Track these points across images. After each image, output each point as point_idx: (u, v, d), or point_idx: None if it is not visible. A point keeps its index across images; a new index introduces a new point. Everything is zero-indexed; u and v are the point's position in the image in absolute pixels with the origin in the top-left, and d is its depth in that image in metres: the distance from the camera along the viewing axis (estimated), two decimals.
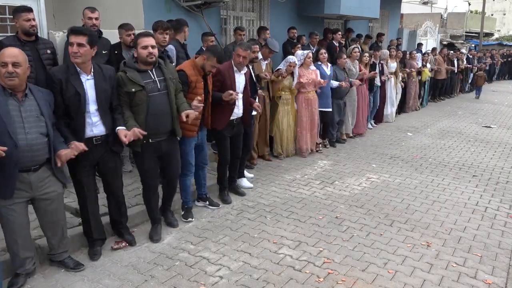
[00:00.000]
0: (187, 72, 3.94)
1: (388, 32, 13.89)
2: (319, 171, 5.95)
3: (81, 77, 3.16)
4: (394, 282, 3.28)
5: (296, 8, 9.88)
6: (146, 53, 3.40)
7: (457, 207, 4.79)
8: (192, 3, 7.16)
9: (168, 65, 3.68)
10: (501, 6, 51.04)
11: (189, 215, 4.30)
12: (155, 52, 3.45)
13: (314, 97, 6.56)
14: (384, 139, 7.99)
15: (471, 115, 10.89)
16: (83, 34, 3.09)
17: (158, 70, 3.55)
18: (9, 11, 4.73)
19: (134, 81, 3.38)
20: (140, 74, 3.44)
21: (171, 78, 3.60)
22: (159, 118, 3.50)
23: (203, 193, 4.60)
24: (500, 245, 3.92)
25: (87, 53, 3.11)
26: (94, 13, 4.58)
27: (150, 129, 3.44)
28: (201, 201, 4.61)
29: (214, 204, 4.59)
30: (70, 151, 3.03)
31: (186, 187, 4.30)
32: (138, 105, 3.44)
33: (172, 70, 3.72)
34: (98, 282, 3.19)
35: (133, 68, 3.45)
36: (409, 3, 28.03)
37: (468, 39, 27.26)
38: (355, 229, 4.15)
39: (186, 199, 4.33)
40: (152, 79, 3.48)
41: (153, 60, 3.44)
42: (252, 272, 3.35)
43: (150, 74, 3.48)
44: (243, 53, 4.41)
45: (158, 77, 3.51)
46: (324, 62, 6.88)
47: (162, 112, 3.51)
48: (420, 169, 6.18)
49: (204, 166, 4.51)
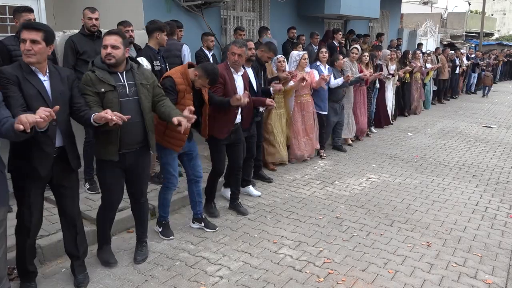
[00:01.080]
0: (174, 78, 3.56)
1: (388, 32, 13.90)
2: (319, 171, 5.94)
3: (38, 76, 2.77)
4: (394, 282, 3.28)
5: (296, 8, 9.89)
6: (104, 54, 3.01)
7: (457, 207, 4.79)
8: (192, 3, 7.16)
9: (142, 70, 3.27)
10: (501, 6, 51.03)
11: (168, 232, 3.90)
12: (116, 53, 3.01)
13: (308, 100, 6.17)
14: (384, 139, 7.99)
15: (471, 115, 10.89)
16: (37, 29, 2.68)
17: (129, 74, 3.15)
18: (9, 11, 4.73)
19: (103, 81, 3.01)
20: (110, 75, 3.08)
21: (144, 84, 3.18)
22: (128, 127, 3.01)
23: (199, 213, 4.08)
24: (500, 245, 3.92)
25: (42, 51, 2.70)
26: (94, 13, 4.58)
27: (121, 138, 3.06)
28: (196, 222, 4.10)
29: (211, 226, 4.08)
30: None
31: (165, 200, 3.86)
32: (109, 108, 2.92)
33: (148, 75, 3.27)
34: (98, 282, 3.19)
35: (102, 68, 3.07)
36: (409, 3, 28.02)
37: (468, 39, 27.29)
38: (355, 229, 4.15)
39: (164, 213, 3.91)
40: (121, 82, 3.09)
41: (111, 62, 3.01)
42: (252, 272, 3.35)
43: (119, 77, 3.10)
44: (238, 50, 4.05)
45: (128, 81, 3.12)
46: (323, 62, 6.53)
47: (131, 121, 2.98)
48: (420, 169, 6.18)
49: (198, 180, 3.98)
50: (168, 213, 3.93)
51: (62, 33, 4.84)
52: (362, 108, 7.62)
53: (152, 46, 4.61)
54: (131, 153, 3.19)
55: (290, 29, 8.52)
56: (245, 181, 4.88)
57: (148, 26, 4.64)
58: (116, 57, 3.01)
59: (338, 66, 6.80)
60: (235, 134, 4.27)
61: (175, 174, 3.78)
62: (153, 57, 4.51)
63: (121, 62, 3.07)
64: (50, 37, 2.75)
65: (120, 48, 3.02)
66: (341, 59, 6.85)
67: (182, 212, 4.39)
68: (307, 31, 9.32)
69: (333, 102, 6.68)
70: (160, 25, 4.60)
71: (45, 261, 3.40)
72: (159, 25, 4.59)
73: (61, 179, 2.95)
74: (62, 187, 2.99)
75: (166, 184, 3.82)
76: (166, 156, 3.72)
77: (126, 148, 3.14)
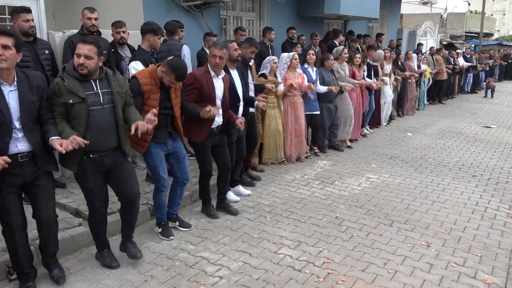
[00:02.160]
0: (140, 79, 3.49)
1: (388, 32, 13.91)
2: (318, 171, 5.95)
3: (2, 88, 2.69)
4: (394, 282, 3.28)
5: (296, 8, 9.89)
6: (77, 63, 2.92)
7: (457, 207, 4.79)
8: (192, 3, 7.17)
9: (118, 77, 3.20)
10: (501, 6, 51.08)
11: (168, 232, 3.88)
12: (89, 63, 2.92)
13: (300, 101, 6.11)
14: (384, 139, 7.99)
15: (471, 115, 10.89)
16: (8, 35, 2.65)
17: (103, 81, 3.08)
18: (9, 11, 4.72)
19: (72, 91, 2.91)
20: (81, 84, 2.97)
21: (120, 92, 3.14)
22: (100, 134, 3.03)
23: (174, 213, 4.05)
24: (500, 245, 3.92)
25: (13, 57, 2.64)
26: (94, 14, 4.58)
27: (89, 145, 2.92)
28: (170, 222, 4.03)
29: (185, 225, 4.06)
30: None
31: (160, 203, 3.84)
32: (76, 119, 2.96)
33: (122, 83, 3.22)
34: (98, 282, 3.19)
35: (73, 76, 2.97)
36: (409, 3, 28.05)
37: (468, 39, 27.31)
38: (355, 229, 4.15)
39: (161, 215, 3.89)
40: (94, 91, 3.01)
41: (83, 72, 2.93)
42: (252, 272, 3.35)
43: (92, 85, 3.01)
44: (219, 52, 3.92)
45: (102, 89, 3.05)
46: (311, 64, 6.38)
47: (104, 128, 3.04)
48: (420, 169, 6.18)
49: (184, 182, 3.94)
50: (164, 214, 3.91)
51: (61, 33, 4.84)
52: (359, 109, 7.47)
53: (144, 48, 4.58)
54: (109, 155, 3.14)
55: (290, 29, 8.53)
56: (235, 181, 4.90)
57: (142, 28, 4.62)
58: (88, 68, 2.94)
59: (327, 66, 6.65)
60: (219, 136, 4.20)
61: (164, 176, 3.71)
62: (148, 60, 4.46)
63: (94, 71, 3.00)
64: (20, 44, 2.72)
65: (94, 58, 2.95)
66: (331, 59, 6.66)
67: (182, 212, 4.38)
68: (306, 31, 9.33)
69: (326, 102, 6.63)
70: (154, 27, 4.55)
71: None
72: (152, 27, 4.55)
73: (34, 178, 2.88)
74: (35, 187, 2.91)
75: (157, 186, 3.77)
76: (151, 158, 3.66)
77: (101, 152, 3.10)
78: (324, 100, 6.55)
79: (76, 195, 4.36)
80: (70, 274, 3.26)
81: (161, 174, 3.70)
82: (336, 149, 6.98)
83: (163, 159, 3.71)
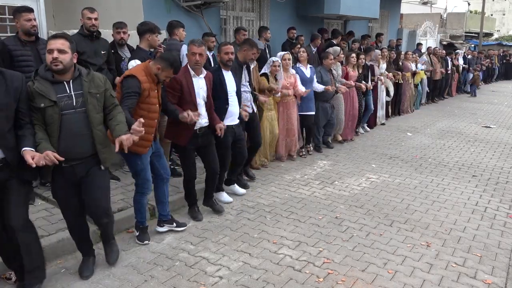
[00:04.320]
0: (139, 77, 3.34)
1: (388, 32, 13.93)
2: (318, 171, 5.95)
3: None
4: (394, 282, 3.28)
5: (296, 8, 9.90)
6: (50, 59, 2.73)
7: (457, 207, 4.80)
8: (192, 3, 7.17)
9: (93, 77, 2.96)
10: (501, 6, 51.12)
11: (145, 236, 3.76)
12: (63, 58, 2.73)
13: (293, 100, 6.03)
14: (384, 139, 7.99)
15: (470, 115, 10.89)
16: None
17: (77, 82, 2.87)
18: (9, 11, 4.73)
19: (43, 95, 2.73)
20: (53, 86, 2.78)
21: (94, 93, 2.90)
22: (73, 141, 2.84)
23: (168, 215, 3.94)
24: (499, 245, 3.92)
25: None
26: (93, 14, 4.58)
27: (61, 152, 2.76)
28: (166, 225, 3.93)
29: (181, 224, 3.98)
30: None
31: (141, 206, 3.71)
32: (49, 125, 2.77)
33: (98, 82, 2.96)
34: (98, 282, 3.19)
35: (45, 78, 2.78)
36: (408, 3, 28.03)
37: (468, 39, 27.30)
38: (355, 229, 4.16)
39: (142, 219, 3.76)
40: (67, 93, 2.81)
41: (58, 68, 2.73)
42: (252, 272, 3.35)
43: (65, 87, 2.81)
44: (198, 49, 3.77)
45: (76, 91, 2.84)
46: (303, 62, 6.28)
47: (77, 134, 2.85)
48: (420, 169, 6.18)
49: (168, 178, 3.86)
50: (145, 218, 3.79)
51: None
52: (352, 108, 7.38)
53: (143, 47, 4.59)
54: (81, 165, 2.95)
55: (290, 29, 8.53)
56: (231, 181, 4.87)
57: (139, 28, 4.63)
58: (63, 63, 2.74)
59: (326, 65, 6.59)
60: (203, 138, 4.08)
61: (150, 179, 3.64)
62: (147, 59, 4.46)
63: (69, 68, 2.81)
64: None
65: (68, 53, 2.76)
66: (330, 58, 6.60)
67: (182, 213, 4.39)
68: (306, 32, 9.34)
69: (323, 102, 6.57)
70: (151, 26, 4.58)
71: (45, 261, 3.38)
72: (150, 27, 4.57)
73: (5, 180, 2.72)
74: (6, 189, 2.74)
75: (141, 190, 3.65)
76: (141, 161, 3.52)
77: (73, 161, 2.89)
78: (320, 99, 6.52)
79: None
80: (70, 274, 3.26)
81: (148, 177, 3.61)
82: (327, 146, 7.04)
83: (148, 162, 3.61)
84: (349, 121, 7.45)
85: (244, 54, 4.70)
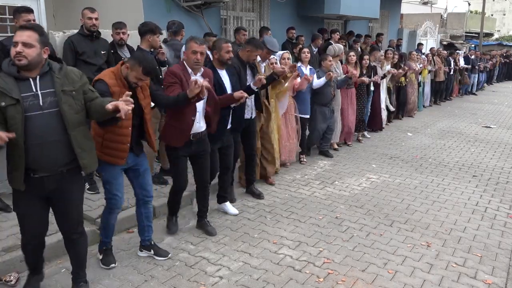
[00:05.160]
0: (107, 80, 3.01)
1: (388, 32, 13.93)
2: (319, 171, 5.94)
3: None
4: (394, 282, 3.28)
5: (296, 8, 9.90)
6: (13, 53, 2.41)
7: (457, 207, 4.79)
8: (192, 3, 7.17)
9: (66, 71, 2.60)
10: (501, 6, 51.12)
11: (110, 259, 3.38)
12: (28, 52, 2.40)
13: (291, 102, 5.75)
14: (384, 139, 7.98)
15: (471, 115, 10.89)
16: None
17: (46, 79, 2.51)
18: (9, 11, 4.73)
19: (4, 92, 2.39)
20: (18, 83, 2.44)
21: (69, 90, 2.55)
22: (42, 148, 2.47)
23: (147, 239, 3.53)
24: (500, 245, 3.92)
25: None
26: (94, 13, 4.58)
27: (31, 162, 2.47)
28: (144, 250, 3.55)
29: (162, 253, 3.53)
30: None
31: (108, 224, 3.32)
32: (12, 127, 2.40)
33: (74, 78, 2.61)
34: (98, 282, 3.18)
35: (8, 73, 2.45)
36: (409, 3, 28.03)
37: (468, 39, 27.30)
38: (355, 229, 4.15)
39: (106, 239, 3.37)
40: (32, 92, 2.45)
41: (22, 63, 2.40)
42: (252, 272, 3.35)
43: (31, 84, 2.46)
44: (199, 48, 3.47)
45: (43, 89, 2.47)
46: (305, 63, 6.07)
47: (48, 139, 2.47)
48: (420, 169, 6.18)
49: (147, 200, 3.43)
50: (110, 238, 3.40)
51: (61, 33, 4.85)
52: (349, 111, 7.06)
53: (144, 48, 4.58)
54: (52, 178, 2.57)
55: (289, 29, 8.53)
56: (222, 197, 4.47)
57: (140, 29, 4.63)
58: (28, 58, 2.40)
59: (325, 66, 6.25)
60: (198, 145, 3.70)
61: (118, 194, 3.22)
62: (156, 61, 4.47)
63: (36, 64, 2.46)
64: None
65: (35, 46, 2.42)
66: (328, 59, 6.26)
67: (182, 213, 4.38)
68: (307, 32, 9.34)
69: (321, 105, 6.24)
70: (152, 27, 4.57)
71: (45, 261, 3.38)
72: (151, 27, 4.55)
73: None
74: None
75: (108, 205, 3.27)
76: (106, 173, 3.17)
77: (43, 172, 2.54)
78: (318, 102, 6.21)
79: None
80: (70, 274, 3.25)
81: (114, 191, 3.21)
82: (325, 155, 6.63)
83: (119, 175, 3.23)
84: (346, 126, 7.11)
85: (248, 54, 4.43)
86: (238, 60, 4.41)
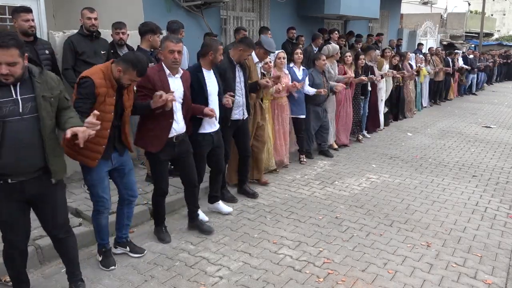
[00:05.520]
0: (95, 80, 2.90)
1: (388, 32, 13.93)
2: (319, 171, 5.94)
3: None
4: (394, 282, 3.28)
5: (296, 8, 9.90)
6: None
7: (457, 207, 4.79)
8: (192, 3, 7.17)
9: (46, 77, 2.57)
10: (501, 6, 51.12)
11: (110, 261, 3.36)
12: (14, 70, 2.37)
13: (286, 103, 5.71)
14: (384, 139, 7.98)
15: (471, 115, 10.89)
16: None
17: (26, 84, 2.47)
18: (9, 11, 4.72)
19: None
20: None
21: (48, 96, 2.52)
22: (20, 152, 2.44)
23: (124, 237, 3.53)
24: (500, 245, 3.92)
25: None
26: (93, 13, 4.58)
27: (6, 166, 2.43)
28: (119, 247, 3.53)
29: (137, 250, 3.53)
30: None
31: (100, 226, 3.30)
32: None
33: (52, 84, 2.59)
34: (98, 282, 3.18)
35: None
36: (409, 3, 28.03)
37: (468, 39, 27.30)
38: (355, 229, 4.15)
39: (103, 240, 3.35)
40: (12, 97, 2.42)
41: (9, 81, 2.39)
42: (252, 272, 3.35)
43: (11, 90, 2.42)
44: (176, 47, 3.39)
45: (23, 95, 2.44)
46: (298, 64, 5.99)
47: (25, 144, 2.45)
48: (420, 169, 6.18)
49: (132, 200, 3.43)
50: (106, 239, 3.38)
51: (61, 33, 4.84)
52: (347, 112, 7.02)
53: (144, 48, 4.59)
54: (31, 181, 2.55)
55: (289, 29, 8.53)
56: (213, 197, 4.42)
57: (140, 28, 4.63)
58: (15, 75, 2.38)
59: (318, 66, 6.24)
60: (180, 147, 3.63)
61: (104, 196, 3.19)
62: (148, 60, 4.46)
63: (21, 75, 2.43)
64: None
65: (19, 62, 2.38)
66: (322, 59, 6.23)
67: (182, 213, 4.38)
68: (307, 32, 9.34)
69: (314, 105, 6.25)
70: (153, 27, 4.58)
71: (45, 261, 3.39)
72: (151, 27, 4.56)
73: None
74: None
75: (95, 208, 3.24)
76: (91, 177, 3.12)
77: (21, 176, 2.51)
78: (311, 102, 6.17)
79: (76, 195, 4.36)
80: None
81: (101, 193, 3.18)
82: (326, 155, 6.62)
83: (105, 176, 3.19)
84: (342, 126, 7.05)
85: (239, 54, 4.32)
86: (228, 60, 4.34)
